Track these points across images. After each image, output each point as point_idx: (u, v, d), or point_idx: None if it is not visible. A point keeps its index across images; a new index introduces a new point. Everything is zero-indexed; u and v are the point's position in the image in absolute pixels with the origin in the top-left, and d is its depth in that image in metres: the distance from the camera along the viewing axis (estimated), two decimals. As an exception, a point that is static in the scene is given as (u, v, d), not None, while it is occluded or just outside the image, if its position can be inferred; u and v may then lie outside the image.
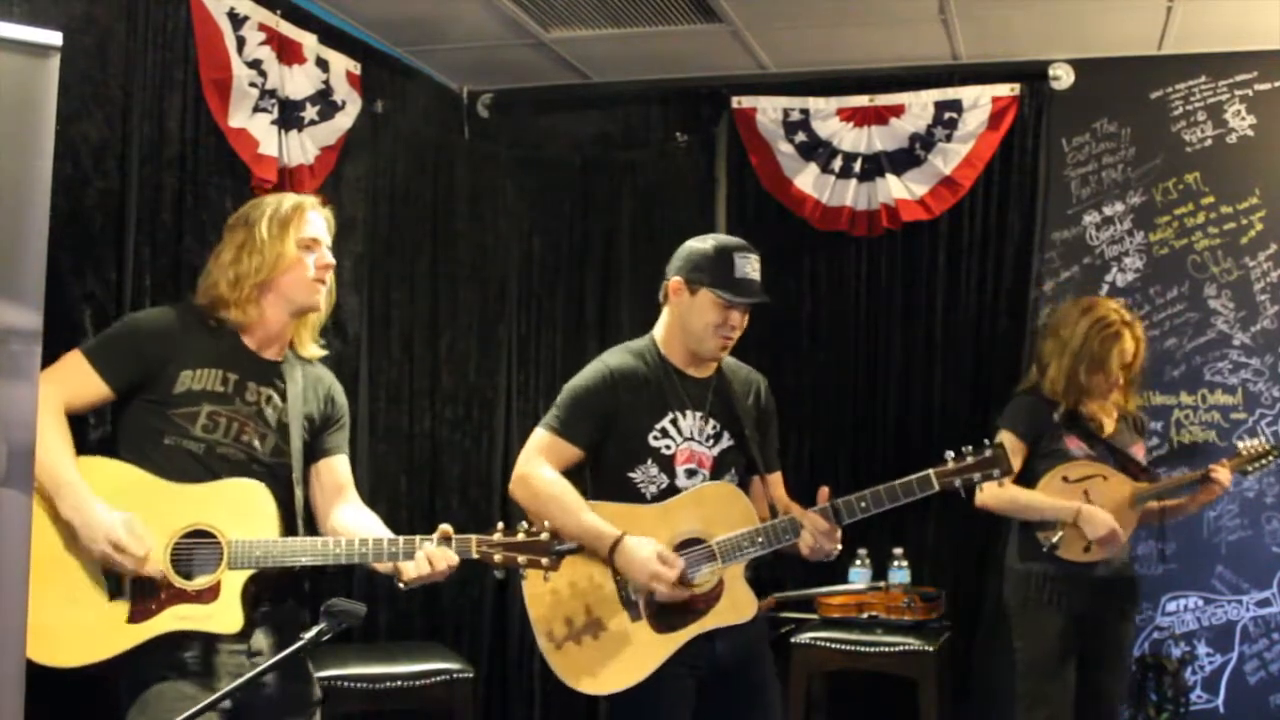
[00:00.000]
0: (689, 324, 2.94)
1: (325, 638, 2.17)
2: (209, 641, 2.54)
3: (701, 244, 2.98)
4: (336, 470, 2.88)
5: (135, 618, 2.50)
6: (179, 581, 2.53)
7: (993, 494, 3.81)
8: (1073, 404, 3.83)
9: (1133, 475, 3.84)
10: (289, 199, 2.84)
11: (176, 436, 2.61)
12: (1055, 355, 3.87)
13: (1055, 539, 3.73)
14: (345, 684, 3.72)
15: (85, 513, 2.46)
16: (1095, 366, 3.79)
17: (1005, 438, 3.79)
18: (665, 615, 2.85)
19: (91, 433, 2.95)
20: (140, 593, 2.51)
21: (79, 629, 2.46)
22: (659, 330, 3.04)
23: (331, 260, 2.84)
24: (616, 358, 3.00)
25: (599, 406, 2.92)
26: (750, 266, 2.94)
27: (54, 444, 2.48)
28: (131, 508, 2.51)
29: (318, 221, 2.83)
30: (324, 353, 2.95)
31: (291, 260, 2.73)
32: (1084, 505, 3.72)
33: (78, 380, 2.58)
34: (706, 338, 2.93)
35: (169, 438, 2.60)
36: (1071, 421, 3.85)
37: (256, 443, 2.68)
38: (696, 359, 2.99)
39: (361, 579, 4.38)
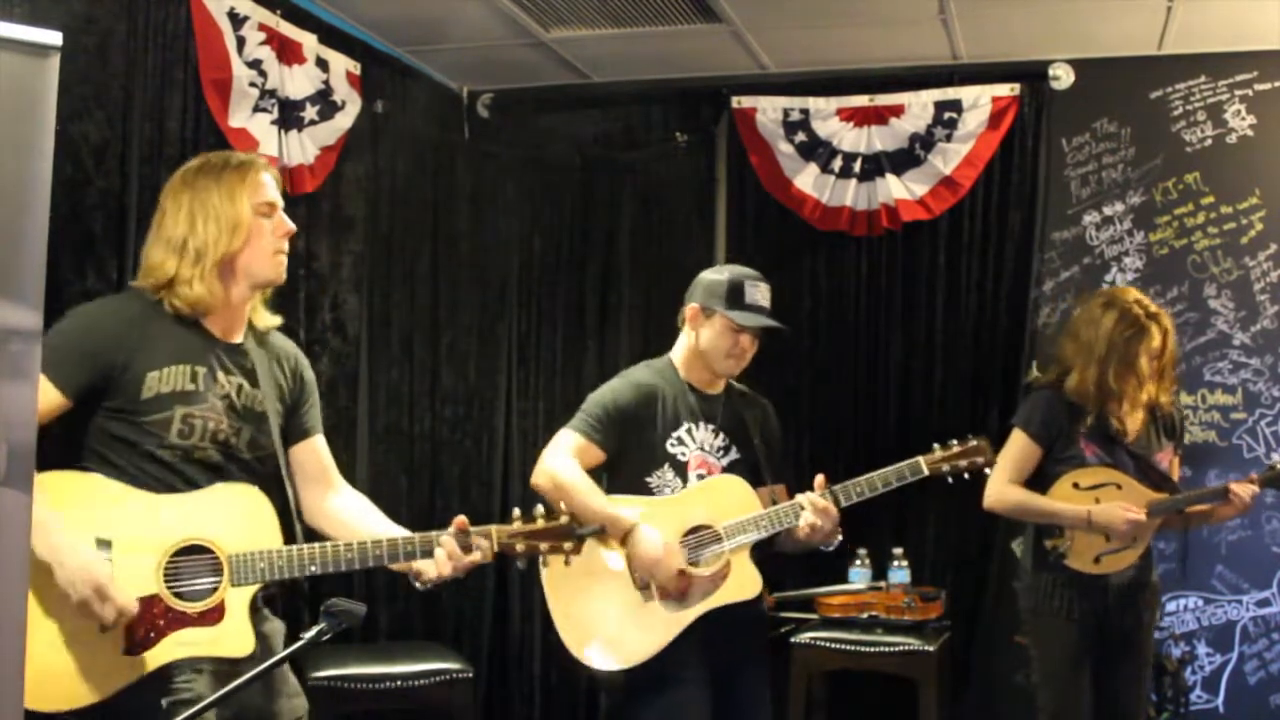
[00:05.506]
0: (705, 346, 3.15)
1: (325, 638, 2.16)
2: (217, 666, 2.30)
3: (718, 274, 3.19)
4: (319, 453, 2.65)
5: (132, 649, 2.25)
6: (177, 604, 2.28)
7: (999, 497, 3.63)
8: (1101, 408, 3.59)
9: (1152, 484, 3.59)
10: (234, 157, 2.55)
11: (151, 445, 2.35)
12: (1079, 359, 3.60)
13: (1063, 548, 3.57)
14: (345, 684, 3.73)
15: (61, 552, 2.17)
16: (1125, 369, 3.54)
17: (1018, 438, 3.63)
18: (674, 594, 3.00)
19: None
20: (134, 621, 2.24)
21: (70, 668, 2.20)
22: (676, 352, 3.23)
23: (292, 226, 2.53)
24: (639, 373, 3.21)
25: (624, 415, 3.10)
26: (760, 294, 3.14)
27: None
28: (114, 526, 2.27)
29: (272, 183, 2.51)
30: (279, 320, 2.64)
31: (249, 230, 2.44)
32: (1093, 507, 3.51)
33: None
34: (719, 359, 3.14)
35: (143, 446, 2.35)
36: (1091, 426, 3.60)
37: (233, 439, 2.45)
38: (709, 378, 3.20)
39: (361, 578, 4.39)
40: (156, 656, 2.26)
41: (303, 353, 2.71)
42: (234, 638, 2.32)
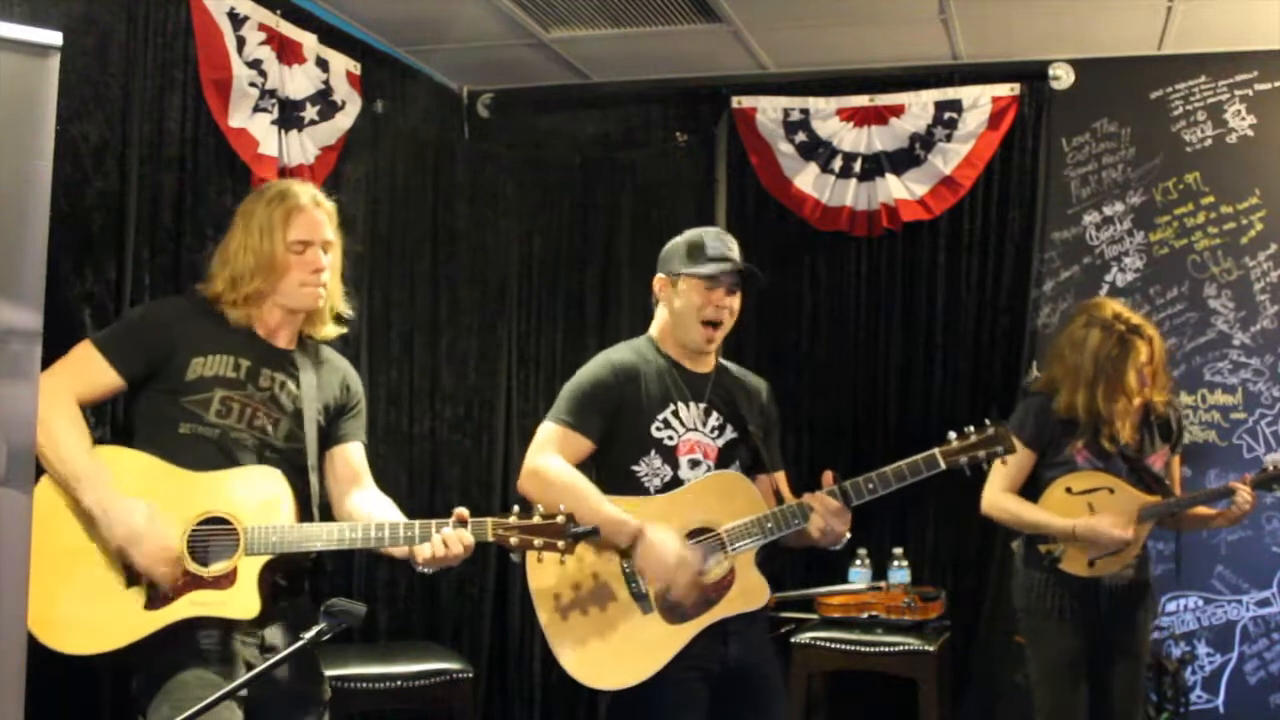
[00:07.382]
0: (677, 316, 2.97)
1: (325, 637, 2.17)
2: (226, 628, 2.53)
3: (677, 238, 3.04)
4: (351, 457, 2.85)
5: (152, 604, 2.50)
6: (195, 568, 2.52)
7: (994, 504, 3.64)
8: (1094, 424, 3.59)
9: (1145, 487, 3.60)
10: (289, 191, 2.78)
11: (191, 424, 2.60)
12: (1067, 380, 3.60)
13: (1057, 552, 3.57)
14: (345, 684, 3.72)
15: (106, 502, 2.47)
16: (1113, 389, 3.53)
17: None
18: (676, 606, 2.81)
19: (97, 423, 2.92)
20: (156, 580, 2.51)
21: (97, 616, 2.47)
22: (653, 329, 3.06)
23: (321, 264, 2.75)
24: (617, 353, 3.01)
25: (605, 397, 2.91)
26: (724, 245, 2.95)
27: (70, 435, 2.50)
28: (147, 496, 2.52)
29: (310, 220, 2.74)
30: (341, 330, 2.89)
31: (280, 267, 2.69)
32: (1079, 523, 3.50)
33: (89, 371, 2.57)
34: (693, 325, 2.94)
35: (184, 425, 2.60)
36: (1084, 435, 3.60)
37: (270, 428, 2.67)
38: (691, 353, 3.00)
39: (361, 579, 4.39)
40: (173, 612, 2.50)
41: (353, 369, 2.97)
42: (242, 601, 2.52)
